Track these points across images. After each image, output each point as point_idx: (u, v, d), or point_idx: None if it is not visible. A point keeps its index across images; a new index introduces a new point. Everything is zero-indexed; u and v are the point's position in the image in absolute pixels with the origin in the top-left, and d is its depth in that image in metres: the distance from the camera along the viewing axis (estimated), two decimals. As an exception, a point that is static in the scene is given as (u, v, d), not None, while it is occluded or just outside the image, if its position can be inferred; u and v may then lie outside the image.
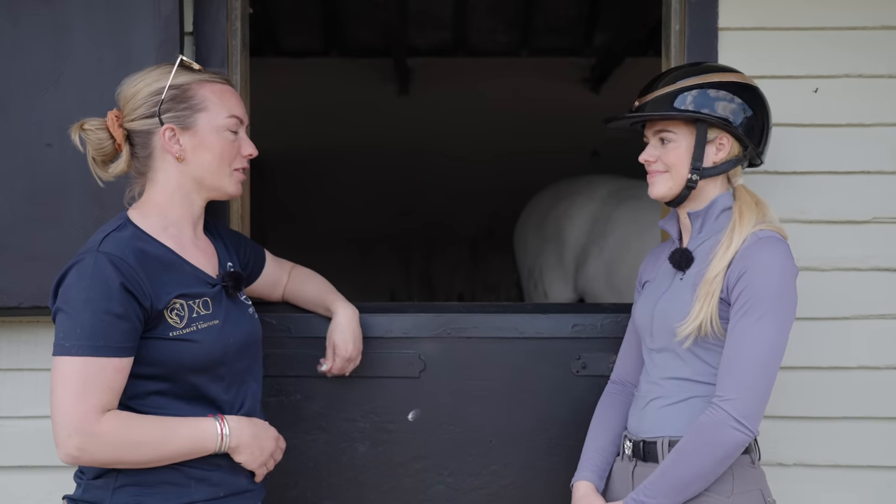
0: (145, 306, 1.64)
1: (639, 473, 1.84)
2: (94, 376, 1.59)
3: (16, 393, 2.21)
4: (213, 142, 1.74)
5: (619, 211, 3.88)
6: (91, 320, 1.60)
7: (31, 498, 2.20)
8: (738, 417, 1.70)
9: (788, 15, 2.21)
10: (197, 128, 1.73)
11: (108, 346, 1.60)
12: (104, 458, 1.62)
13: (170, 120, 1.72)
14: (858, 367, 2.23)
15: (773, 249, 1.76)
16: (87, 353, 1.59)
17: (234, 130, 1.76)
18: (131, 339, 1.63)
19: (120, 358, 1.61)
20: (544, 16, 5.32)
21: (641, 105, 1.87)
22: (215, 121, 1.74)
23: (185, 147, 1.73)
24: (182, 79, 1.73)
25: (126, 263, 1.63)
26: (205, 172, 1.75)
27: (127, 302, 1.62)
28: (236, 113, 1.77)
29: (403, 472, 2.19)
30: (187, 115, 1.72)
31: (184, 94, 1.72)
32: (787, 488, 2.16)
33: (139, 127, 1.73)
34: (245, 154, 1.79)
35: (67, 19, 2.08)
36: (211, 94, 1.74)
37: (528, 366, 2.19)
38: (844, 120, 2.22)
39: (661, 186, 1.85)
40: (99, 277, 1.61)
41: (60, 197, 2.09)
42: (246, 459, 1.73)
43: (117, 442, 1.61)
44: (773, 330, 1.72)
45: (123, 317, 1.61)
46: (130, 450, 1.62)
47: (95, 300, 1.60)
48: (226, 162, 1.76)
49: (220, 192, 1.79)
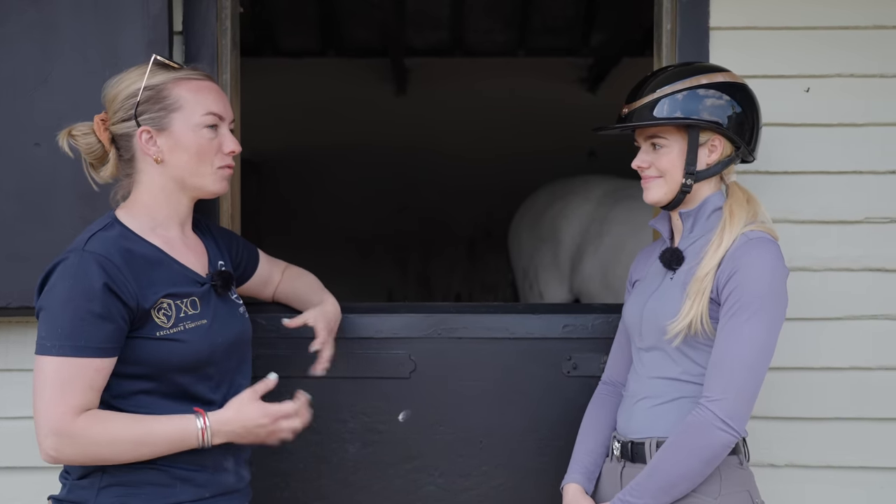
0: (130, 306, 1.63)
1: (627, 474, 1.83)
2: (73, 377, 1.59)
3: (4, 393, 2.20)
4: (189, 141, 1.71)
5: (615, 211, 3.87)
6: (72, 320, 1.59)
7: (20, 499, 2.19)
8: (725, 418, 1.70)
9: (780, 14, 2.20)
10: (172, 128, 1.71)
11: (88, 347, 1.59)
12: (81, 458, 1.62)
13: (146, 122, 1.70)
14: (850, 367, 2.22)
15: (763, 250, 1.75)
16: (68, 354, 1.59)
17: (211, 126, 1.73)
18: (114, 340, 1.62)
19: (101, 358, 1.61)
20: (541, 16, 5.32)
21: (630, 112, 1.85)
22: (191, 119, 1.72)
23: (161, 148, 1.72)
24: (157, 79, 1.71)
25: (111, 263, 1.63)
26: (184, 173, 1.73)
27: (110, 302, 1.61)
28: (214, 110, 1.74)
29: (394, 473, 2.18)
30: (162, 115, 1.70)
31: (158, 94, 1.71)
32: (778, 489, 2.16)
33: (119, 130, 1.73)
34: (227, 151, 1.76)
35: (56, 19, 2.08)
36: (186, 93, 1.72)
37: (518, 366, 2.18)
38: (836, 120, 2.21)
39: (657, 192, 1.84)
40: (82, 277, 1.61)
41: (49, 197, 2.09)
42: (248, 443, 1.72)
43: (94, 441, 1.60)
44: (761, 331, 1.71)
45: (106, 317, 1.60)
46: (109, 448, 1.61)
47: (76, 300, 1.60)
48: (205, 161, 1.73)
49: (203, 191, 1.77)
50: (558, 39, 5.67)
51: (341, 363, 2.15)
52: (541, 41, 5.70)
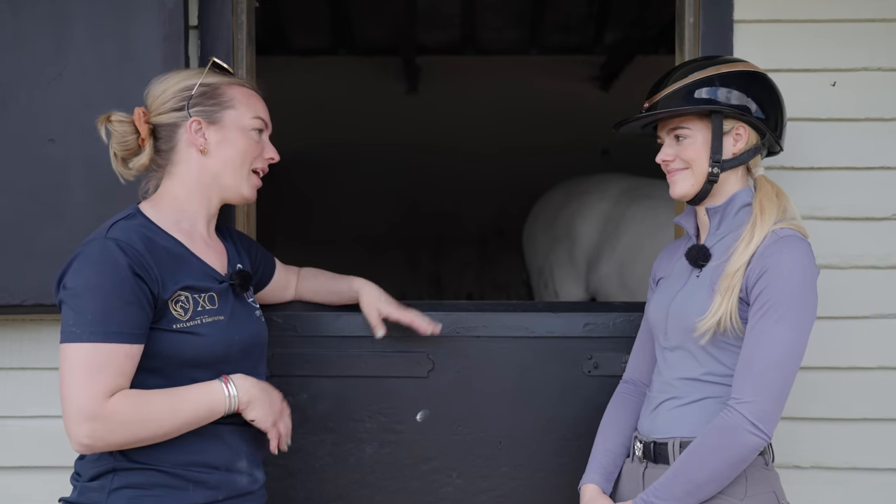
0: (154, 292, 1.63)
1: (649, 475, 1.81)
2: (105, 363, 1.57)
3: (19, 392, 2.19)
4: (237, 138, 1.77)
5: (632, 210, 3.84)
6: (102, 305, 1.58)
7: (34, 498, 2.17)
8: (755, 421, 1.67)
9: (805, 6, 2.17)
10: (223, 123, 1.76)
11: (119, 332, 1.58)
12: (118, 440, 1.60)
13: (197, 113, 1.75)
14: (877, 367, 2.19)
15: (794, 249, 1.72)
16: (98, 339, 1.57)
17: (258, 130, 1.81)
18: (142, 325, 1.61)
19: (131, 344, 1.60)
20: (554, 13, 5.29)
21: (652, 105, 1.83)
22: (242, 119, 1.78)
23: (209, 140, 1.76)
24: (214, 79, 1.78)
25: (134, 248, 1.63)
26: (225, 168, 1.77)
27: (137, 286, 1.60)
28: (262, 115, 1.82)
29: (411, 474, 2.16)
30: (215, 110, 1.76)
31: (213, 91, 1.77)
32: (802, 490, 2.14)
33: (166, 120, 1.76)
34: (267, 157, 1.82)
35: (69, 10, 2.06)
36: (240, 95, 1.79)
37: (538, 366, 2.15)
38: (863, 114, 2.18)
39: (684, 184, 1.81)
40: (109, 262, 1.60)
41: (63, 193, 2.07)
42: (259, 416, 1.70)
43: (129, 420, 1.59)
44: (792, 332, 1.68)
45: (134, 302, 1.60)
46: (144, 426, 1.60)
47: (105, 285, 1.59)
48: (247, 160, 1.79)
49: (236, 193, 1.80)
50: (571, 37, 5.64)
51: (359, 362, 2.14)
52: (553, 39, 5.67)
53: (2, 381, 2.19)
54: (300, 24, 5.46)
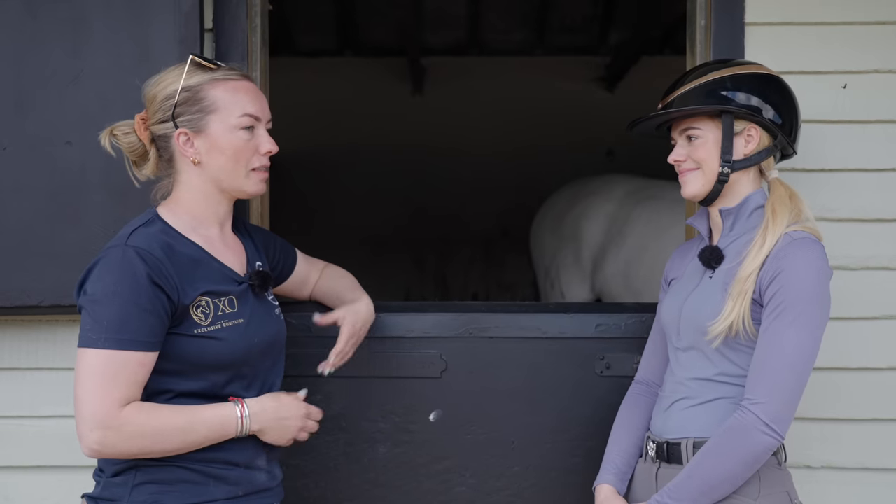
0: (173, 299, 1.64)
1: (663, 475, 1.81)
2: (118, 370, 1.59)
3: (36, 392, 2.20)
4: (225, 143, 1.71)
5: (638, 211, 3.85)
6: (118, 313, 1.59)
7: (51, 498, 2.18)
8: (768, 421, 1.68)
9: (817, 9, 2.18)
10: (209, 130, 1.71)
11: (134, 340, 1.59)
12: (127, 450, 1.61)
13: (183, 124, 1.71)
14: (888, 367, 2.19)
15: (808, 251, 1.73)
16: (113, 347, 1.58)
17: (248, 127, 1.73)
18: (157, 334, 1.62)
19: (145, 352, 1.61)
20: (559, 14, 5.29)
21: (665, 105, 1.85)
22: (227, 121, 1.71)
23: (199, 150, 1.72)
24: (194, 80, 1.71)
25: (153, 256, 1.63)
26: (221, 174, 1.73)
27: (154, 295, 1.61)
28: (250, 111, 1.73)
29: (425, 474, 2.17)
30: (199, 117, 1.71)
31: (195, 95, 1.70)
32: (814, 490, 2.14)
33: (158, 132, 1.74)
34: (263, 152, 1.76)
35: (86, 13, 2.07)
36: (223, 94, 1.72)
37: (550, 366, 2.16)
38: (874, 116, 2.19)
39: (694, 184, 1.82)
40: (128, 270, 1.61)
41: (80, 195, 2.08)
42: (273, 438, 1.73)
43: (140, 433, 1.60)
44: (805, 333, 1.69)
45: (151, 311, 1.61)
46: (154, 440, 1.61)
47: (123, 293, 1.60)
48: (241, 163, 1.73)
49: (241, 192, 1.78)
50: (576, 38, 5.65)
51: (372, 362, 2.15)
52: (558, 40, 5.68)
53: (18, 382, 2.20)
54: (305, 24, 5.47)
